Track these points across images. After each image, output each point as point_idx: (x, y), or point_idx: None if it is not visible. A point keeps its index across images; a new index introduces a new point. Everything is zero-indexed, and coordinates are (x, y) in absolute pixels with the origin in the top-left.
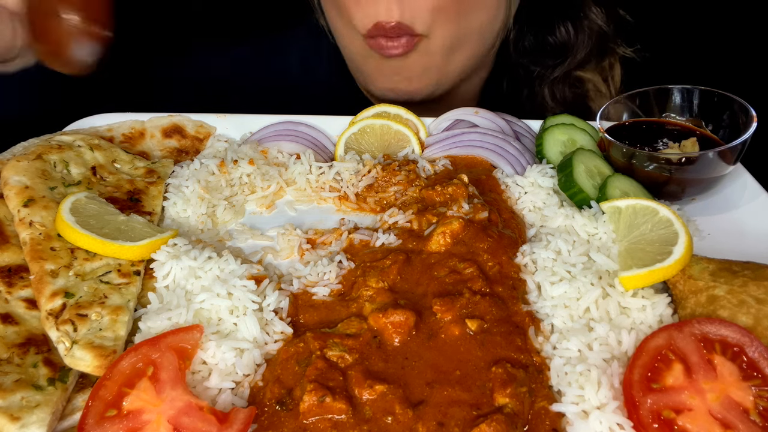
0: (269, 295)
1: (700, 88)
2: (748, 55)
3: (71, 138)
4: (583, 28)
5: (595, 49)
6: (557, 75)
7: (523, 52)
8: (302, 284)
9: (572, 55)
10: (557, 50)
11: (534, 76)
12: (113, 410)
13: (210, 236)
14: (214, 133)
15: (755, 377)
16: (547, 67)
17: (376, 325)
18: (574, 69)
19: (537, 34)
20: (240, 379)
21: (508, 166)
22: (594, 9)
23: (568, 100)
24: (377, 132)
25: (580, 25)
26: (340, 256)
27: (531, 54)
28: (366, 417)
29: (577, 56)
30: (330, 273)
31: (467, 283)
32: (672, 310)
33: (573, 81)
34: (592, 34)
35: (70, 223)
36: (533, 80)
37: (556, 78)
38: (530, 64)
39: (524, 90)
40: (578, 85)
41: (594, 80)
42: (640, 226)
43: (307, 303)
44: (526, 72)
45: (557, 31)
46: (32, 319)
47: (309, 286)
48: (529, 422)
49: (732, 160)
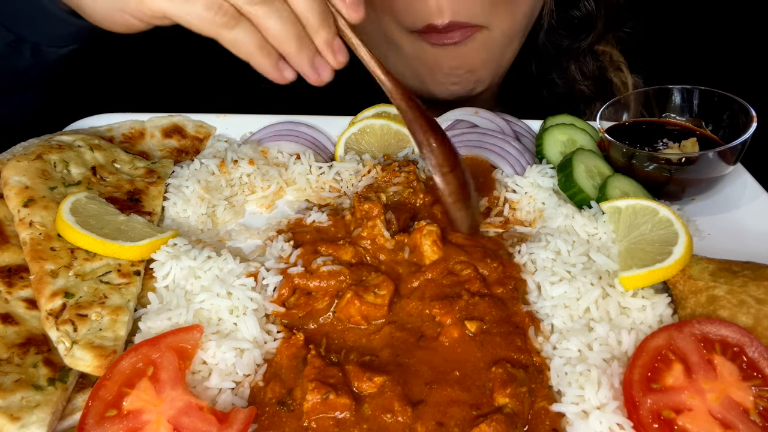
0: (267, 277)
1: (700, 88)
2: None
3: (71, 138)
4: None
5: (611, 21)
6: (584, 47)
7: (552, 29)
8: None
9: (595, 27)
10: (583, 23)
11: (563, 51)
12: (113, 410)
13: (210, 236)
14: (214, 133)
15: (755, 377)
16: (575, 40)
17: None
18: (595, 41)
19: (563, 10)
20: (240, 379)
21: (507, 167)
22: None
23: (595, 75)
24: (377, 132)
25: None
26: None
27: (560, 30)
28: (365, 415)
29: (598, 27)
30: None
31: (465, 285)
32: (672, 310)
33: (597, 54)
34: (610, 4)
35: (70, 223)
36: (561, 58)
37: (583, 52)
38: (562, 40)
39: (553, 72)
40: (601, 59)
41: (611, 52)
42: (640, 226)
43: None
44: (557, 49)
45: (582, 4)
46: (32, 319)
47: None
48: (529, 422)
49: (732, 160)
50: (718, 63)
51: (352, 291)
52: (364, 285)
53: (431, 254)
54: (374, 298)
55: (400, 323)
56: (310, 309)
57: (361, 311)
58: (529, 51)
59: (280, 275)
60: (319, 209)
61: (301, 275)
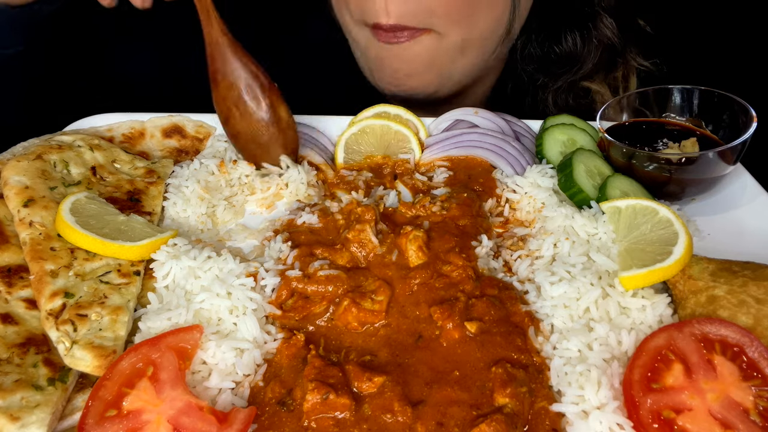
0: (266, 278)
1: (700, 88)
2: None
3: (71, 138)
4: (591, 39)
5: (604, 61)
6: (561, 84)
7: (529, 59)
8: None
9: (578, 66)
10: (563, 60)
11: (538, 84)
12: (113, 410)
13: (210, 236)
14: (214, 133)
15: (755, 377)
16: (551, 75)
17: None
18: (580, 79)
19: (543, 42)
20: (240, 379)
21: (507, 167)
22: (606, 21)
23: (571, 109)
24: (377, 132)
25: (589, 36)
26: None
27: (537, 62)
28: (365, 415)
29: (583, 67)
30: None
31: (459, 287)
32: (672, 310)
33: (578, 91)
34: (600, 45)
35: (70, 223)
36: (537, 88)
37: (560, 87)
38: (535, 72)
39: (527, 98)
40: (583, 95)
41: (601, 91)
42: (640, 226)
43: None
44: (531, 79)
45: (564, 40)
46: (32, 319)
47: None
48: (529, 422)
49: (732, 160)
50: (718, 63)
51: (349, 298)
52: (361, 291)
53: (416, 259)
54: (371, 304)
55: (398, 326)
56: (306, 313)
57: (359, 318)
58: (506, 73)
59: (278, 277)
60: (310, 209)
61: (299, 279)
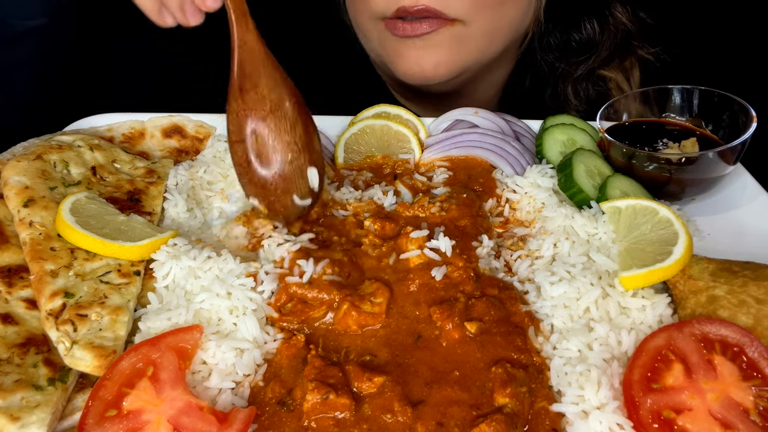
0: (265, 281)
1: (700, 88)
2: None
3: (71, 138)
4: (608, 26)
5: (619, 48)
6: (581, 73)
7: (548, 48)
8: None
9: (597, 53)
10: (582, 47)
11: (558, 74)
12: (113, 410)
13: (210, 236)
14: (214, 133)
15: (755, 377)
16: (571, 64)
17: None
18: (597, 67)
19: (563, 31)
20: (240, 379)
21: (507, 167)
22: (619, 8)
23: (591, 98)
24: (377, 132)
25: (606, 22)
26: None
27: (556, 51)
28: (365, 415)
29: (601, 54)
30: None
31: (459, 287)
32: (672, 310)
33: (596, 79)
34: (617, 32)
35: (70, 223)
36: (557, 78)
37: (580, 76)
38: (555, 62)
39: (548, 88)
40: (601, 84)
41: (617, 79)
42: (640, 226)
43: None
44: (551, 69)
45: (583, 28)
46: (32, 319)
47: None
48: (529, 422)
49: (732, 160)
50: (718, 63)
51: (348, 302)
52: (359, 294)
53: (416, 259)
54: (371, 306)
55: (398, 326)
56: (305, 317)
57: (359, 321)
58: (524, 65)
59: (277, 279)
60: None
61: (298, 285)
